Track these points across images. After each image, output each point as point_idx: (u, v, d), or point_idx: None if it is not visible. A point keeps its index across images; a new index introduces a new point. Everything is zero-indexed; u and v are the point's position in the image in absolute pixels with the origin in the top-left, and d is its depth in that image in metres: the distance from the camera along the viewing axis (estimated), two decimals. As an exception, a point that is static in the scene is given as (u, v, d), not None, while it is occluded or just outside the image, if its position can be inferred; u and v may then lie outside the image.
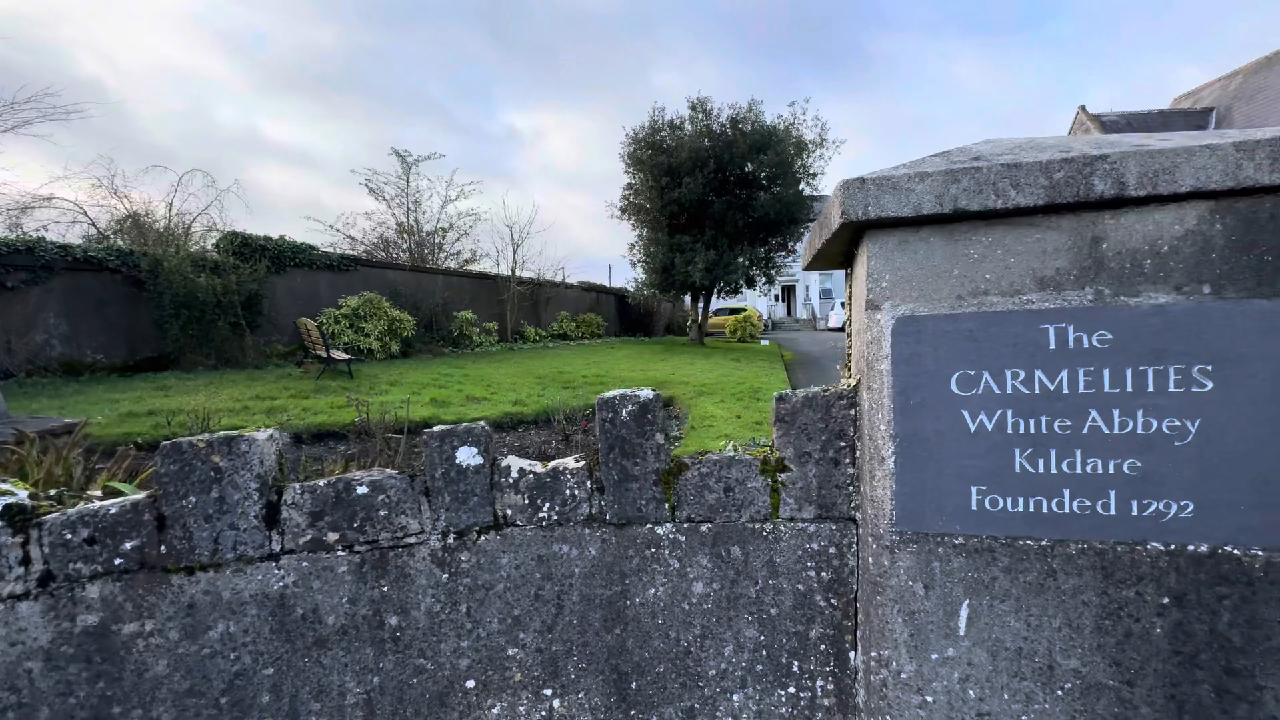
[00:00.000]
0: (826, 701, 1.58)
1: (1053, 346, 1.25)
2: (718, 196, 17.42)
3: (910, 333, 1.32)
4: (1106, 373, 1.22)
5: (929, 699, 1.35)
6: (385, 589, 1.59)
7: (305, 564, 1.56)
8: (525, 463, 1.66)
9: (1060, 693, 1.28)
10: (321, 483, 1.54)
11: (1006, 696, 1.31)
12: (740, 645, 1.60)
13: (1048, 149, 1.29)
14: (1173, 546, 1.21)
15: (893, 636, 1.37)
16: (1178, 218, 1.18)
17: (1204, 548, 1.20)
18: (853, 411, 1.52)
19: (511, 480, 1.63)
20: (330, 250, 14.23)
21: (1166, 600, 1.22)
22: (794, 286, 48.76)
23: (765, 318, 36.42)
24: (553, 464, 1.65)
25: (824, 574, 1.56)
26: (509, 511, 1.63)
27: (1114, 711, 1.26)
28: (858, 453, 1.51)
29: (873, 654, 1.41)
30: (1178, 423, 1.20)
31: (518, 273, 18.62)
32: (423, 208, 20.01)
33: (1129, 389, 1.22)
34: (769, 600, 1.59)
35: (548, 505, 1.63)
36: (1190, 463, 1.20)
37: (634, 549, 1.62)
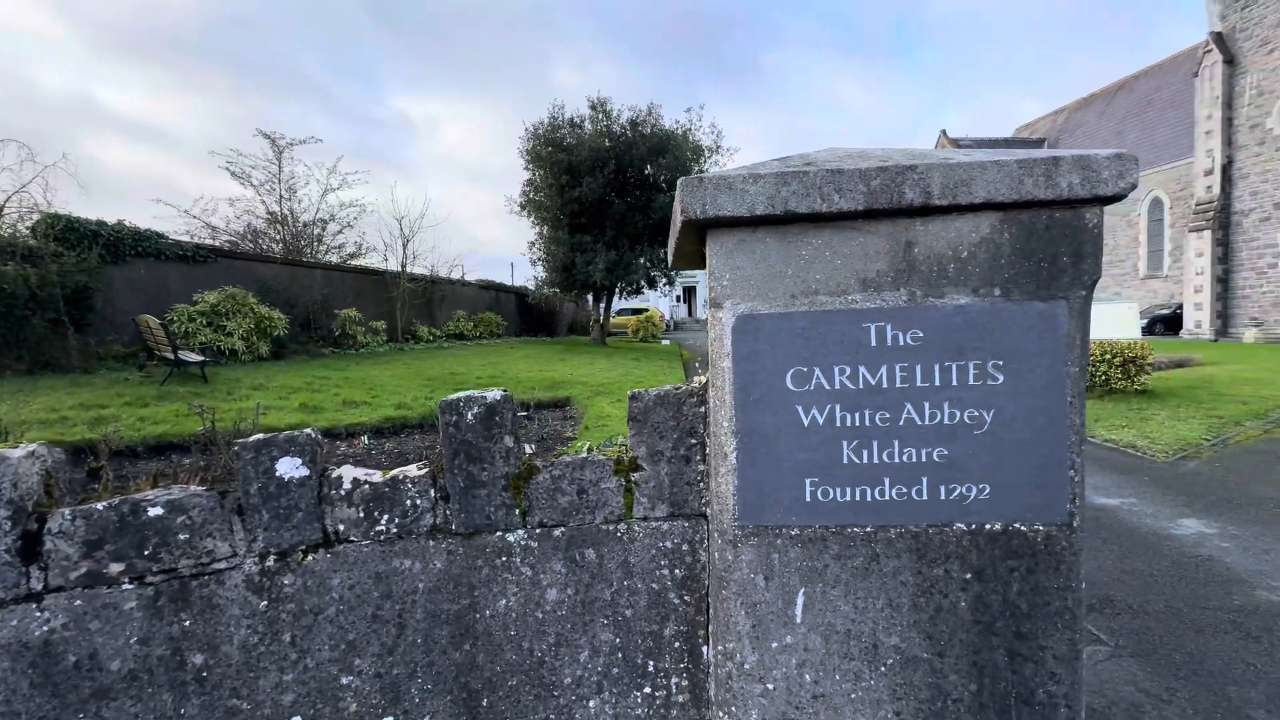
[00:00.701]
0: (681, 698, 1.58)
1: (874, 344, 1.32)
2: (618, 197, 17.52)
3: (749, 330, 1.35)
4: (919, 368, 1.32)
5: (770, 686, 1.39)
6: (187, 624, 1.38)
7: (79, 603, 1.32)
8: (360, 472, 1.52)
9: (884, 669, 1.36)
10: (100, 506, 1.31)
11: (838, 677, 1.37)
12: (596, 650, 1.57)
13: (870, 159, 1.36)
14: (974, 526, 1.33)
15: (737, 629, 1.40)
16: (974, 226, 1.30)
17: (998, 526, 1.33)
18: (703, 409, 1.54)
19: (344, 492, 1.48)
20: (184, 239, 12.63)
21: (969, 576, 1.34)
22: (695, 288, 50.29)
23: (667, 318, 37.22)
24: (392, 473, 1.52)
25: (678, 571, 1.57)
26: (341, 527, 1.49)
27: (928, 681, 1.36)
28: (707, 449, 1.53)
29: (719, 647, 1.43)
30: (976, 413, 1.31)
31: (409, 269, 17.62)
32: (299, 196, 18.33)
33: (937, 383, 1.32)
34: (624, 602, 1.57)
35: (386, 518, 1.50)
36: (987, 449, 1.32)
37: (483, 559, 1.54)
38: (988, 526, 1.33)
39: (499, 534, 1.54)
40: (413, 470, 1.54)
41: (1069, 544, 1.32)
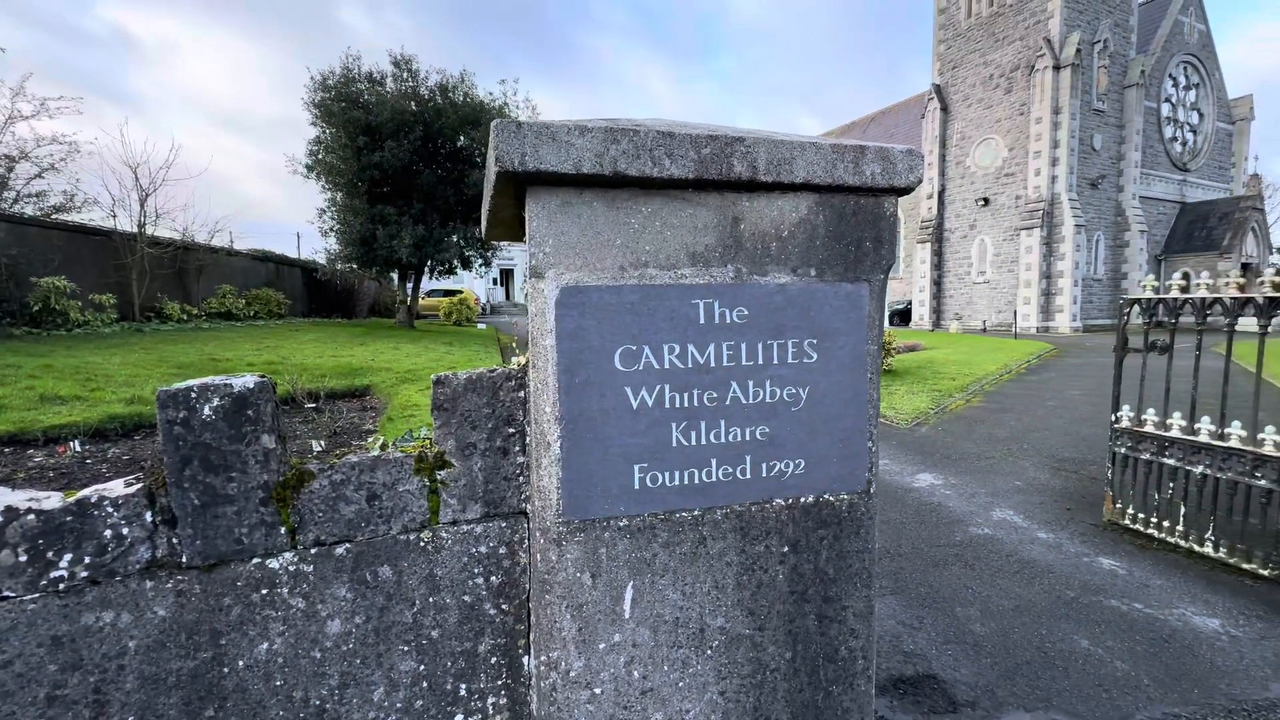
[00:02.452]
0: (499, 718, 1.41)
1: (702, 321, 1.28)
2: (427, 167, 16.08)
3: (575, 304, 1.20)
4: (744, 346, 1.30)
5: (597, 691, 1.28)
6: None
7: None
8: (23, 496, 1.06)
9: (710, 651, 1.35)
10: None
11: (667, 668, 1.32)
12: (394, 684, 1.31)
13: (702, 128, 1.30)
14: (791, 501, 1.37)
15: (561, 635, 1.26)
16: (794, 206, 1.31)
17: (811, 498, 1.38)
18: (522, 393, 1.36)
19: (-11, 529, 1.01)
20: None
21: (786, 549, 1.38)
22: (513, 271, 48.88)
23: (483, 301, 35.68)
24: (81, 494, 1.08)
25: (494, 578, 1.38)
26: (-14, 579, 1.02)
27: (750, 656, 1.37)
28: (528, 439, 1.36)
29: (542, 657, 1.28)
30: (794, 391, 1.34)
31: (149, 230, 14.11)
32: (-37, 121, 13.50)
33: (759, 361, 1.32)
34: (429, 621, 1.33)
35: (70, 558, 1.06)
36: (802, 425, 1.36)
37: (233, 595, 1.18)
38: (803, 500, 1.38)
39: (256, 561, 1.19)
40: (116, 488, 1.12)
41: (866, 510, 1.43)
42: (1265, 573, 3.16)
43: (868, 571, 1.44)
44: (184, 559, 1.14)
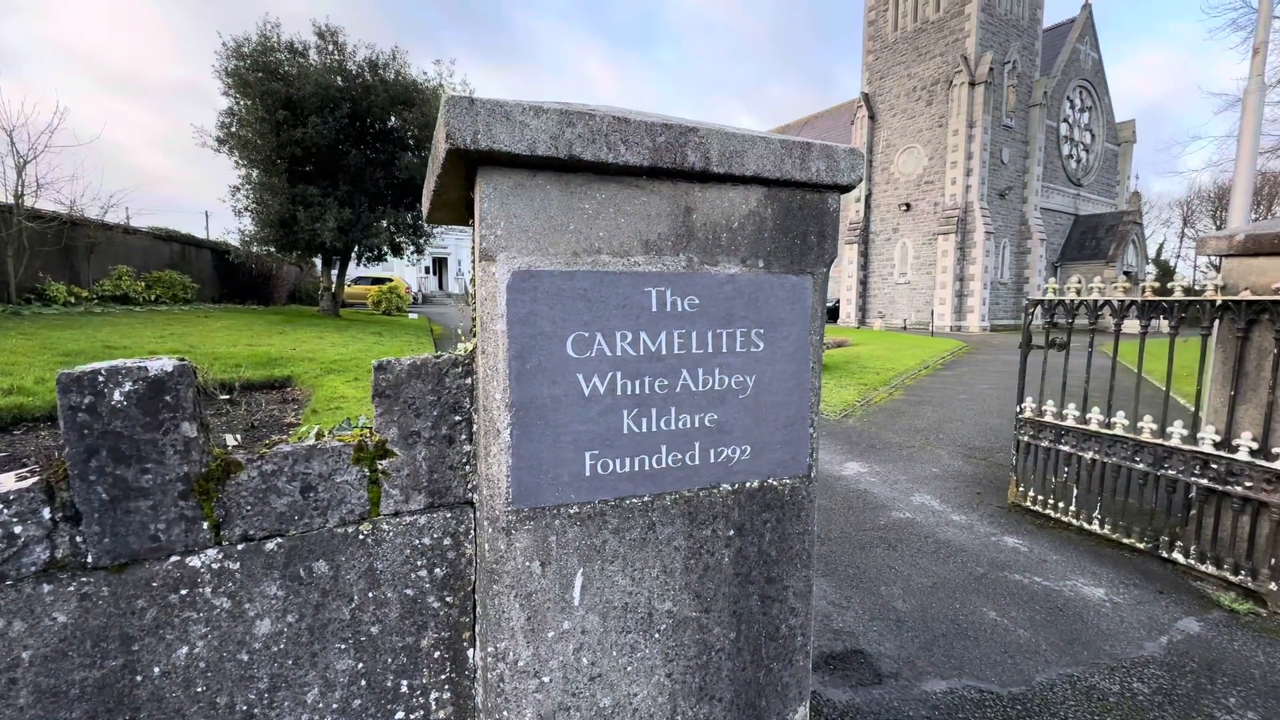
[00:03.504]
0: (442, 714, 1.37)
1: (654, 309, 1.28)
2: (355, 147, 15.24)
3: (527, 289, 1.18)
4: (694, 335, 1.32)
5: (545, 679, 1.28)
6: None
7: None
8: (-112, 494, 0.93)
9: (658, 635, 1.37)
10: None
11: (615, 653, 1.33)
12: (330, 683, 1.25)
13: (656, 116, 1.31)
14: (737, 486, 1.41)
15: (510, 625, 1.24)
16: (744, 198, 1.34)
17: (756, 483, 1.43)
18: (469, 380, 1.32)
19: None
20: None
21: (732, 532, 1.42)
22: (446, 259, 47.27)
23: (415, 290, 34.29)
24: (-38, 489, 0.96)
25: (438, 571, 1.34)
26: None
27: (696, 639, 1.40)
28: (475, 427, 1.33)
29: (489, 649, 1.26)
30: (741, 378, 1.38)
31: (29, 202, 12.59)
32: None
33: (710, 349, 1.34)
34: (369, 617, 1.28)
35: (-51, 561, 0.94)
36: (749, 412, 1.40)
37: (147, 597, 1.09)
38: (748, 484, 1.42)
39: (175, 559, 1.10)
40: (6, 481, 1.00)
41: (807, 493, 1.49)
42: (1141, 546, 3.55)
43: (807, 552, 1.51)
44: (90, 559, 1.04)
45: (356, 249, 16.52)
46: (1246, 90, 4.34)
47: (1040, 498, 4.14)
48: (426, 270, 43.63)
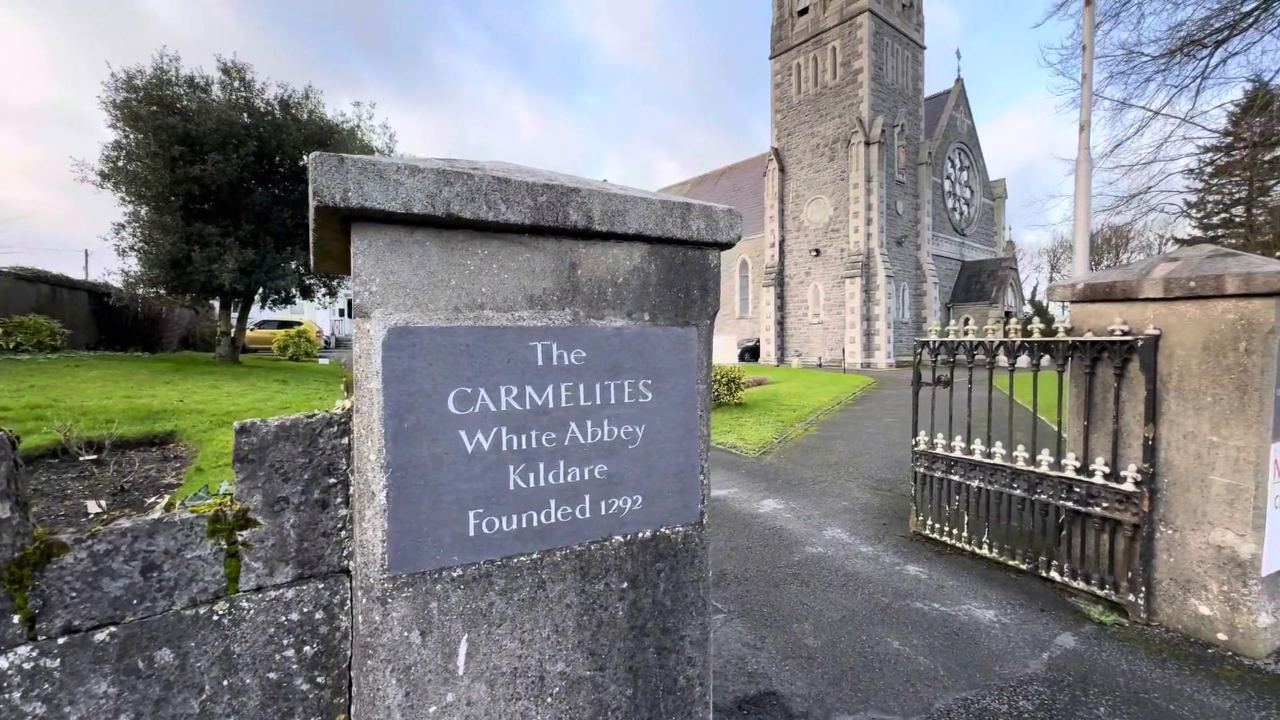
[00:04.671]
0: (311, 811, 1.24)
1: (540, 363, 1.29)
2: (261, 185, 14.51)
3: (405, 345, 1.16)
4: (582, 387, 1.34)
5: (426, 760, 1.19)
6: None
7: None
8: None
9: (550, 699, 1.32)
10: None
11: (504, 723, 1.27)
12: (172, 791, 1.11)
13: (540, 175, 1.35)
14: (629, 536, 1.41)
15: (385, 703, 1.16)
16: (628, 254, 1.40)
17: (649, 533, 1.44)
18: (346, 440, 1.26)
19: None
20: None
21: (626, 585, 1.41)
22: (363, 302, 45.23)
23: (327, 334, 32.49)
24: None
25: (308, 649, 1.24)
26: None
27: (591, 699, 1.37)
28: (352, 489, 1.26)
29: (363, 732, 1.17)
30: (631, 429, 1.40)
31: None
32: None
33: (598, 401, 1.36)
34: (223, 708, 1.15)
35: None
36: (639, 462, 1.42)
37: (-66, 711, 0.93)
38: (641, 535, 1.43)
39: (-26, 662, 0.96)
40: None
41: (700, 540, 1.52)
42: (1024, 567, 3.84)
43: (703, 600, 1.52)
44: None
45: (261, 291, 15.53)
46: (1077, 161, 5.09)
47: (937, 525, 4.40)
48: (341, 313, 41.56)
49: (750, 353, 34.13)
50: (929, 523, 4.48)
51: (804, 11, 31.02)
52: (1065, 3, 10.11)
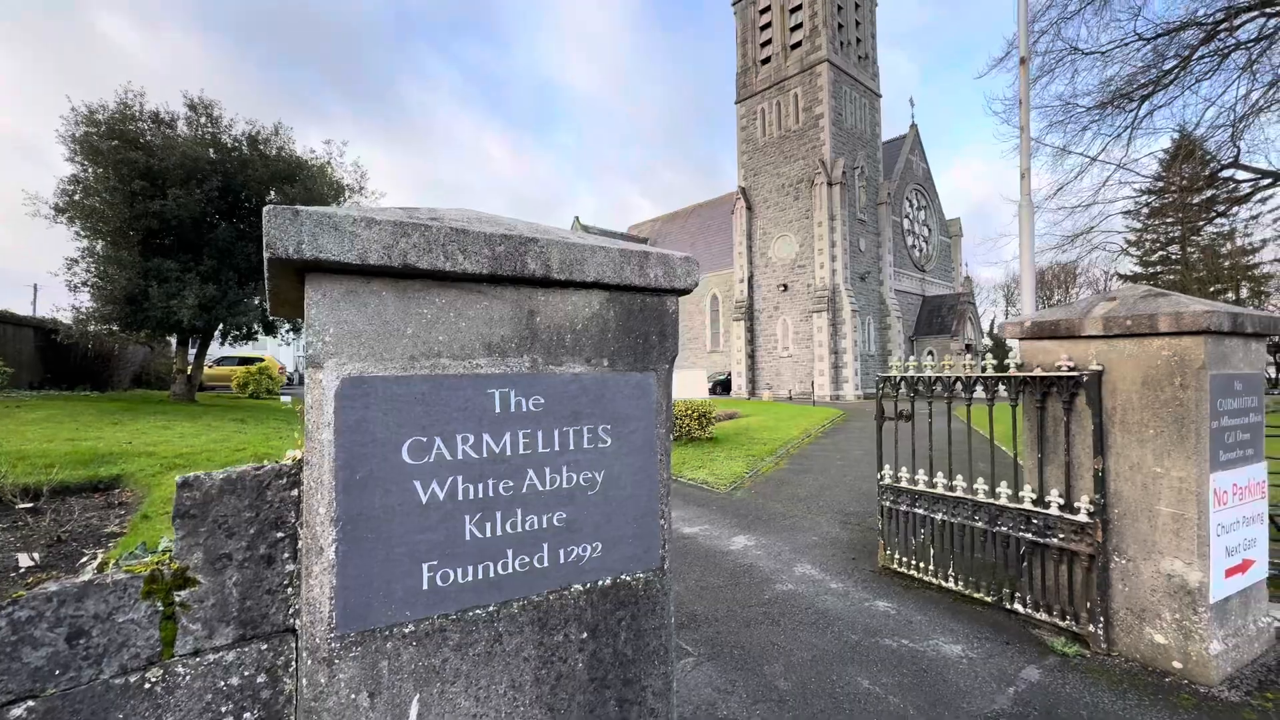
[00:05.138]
0: None
1: (498, 410, 1.29)
2: (226, 220, 14.30)
3: (358, 395, 1.15)
4: (540, 434, 1.34)
5: (373, 833, 1.13)
6: None
7: None
8: None
9: (506, 759, 1.27)
10: None
11: (457, 788, 1.22)
12: None
13: (499, 225, 1.37)
14: (589, 585, 1.39)
15: (329, 773, 1.10)
16: (587, 301, 1.42)
17: (609, 580, 1.42)
18: (296, 492, 1.23)
19: None
20: None
21: (585, 635, 1.38)
22: (330, 337, 44.35)
23: (291, 370, 31.61)
24: None
25: (249, 715, 1.17)
26: None
27: (549, 757, 1.32)
28: (300, 544, 1.22)
29: (305, 805, 1.10)
30: (590, 475, 1.40)
31: None
32: None
33: (556, 447, 1.36)
34: (152, 786, 1.08)
35: None
36: (599, 509, 1.41)
37: None
38: (601, 583, 1.41)
39: None
40: None
41: (662, 586, 1.51)
42: (989, 599, 3.88)
43: (665, 648, 1.50)
44: None
45: (221, 327, 15.12)
46: (1020, 206, 5.43)
47: (905, 559, 4.44)
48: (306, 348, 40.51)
49: (722, 386, 34.39)
50: (897, 556, 4.51)
51: (767, 60, 32.53)
52: (1005, 58, 10.86)
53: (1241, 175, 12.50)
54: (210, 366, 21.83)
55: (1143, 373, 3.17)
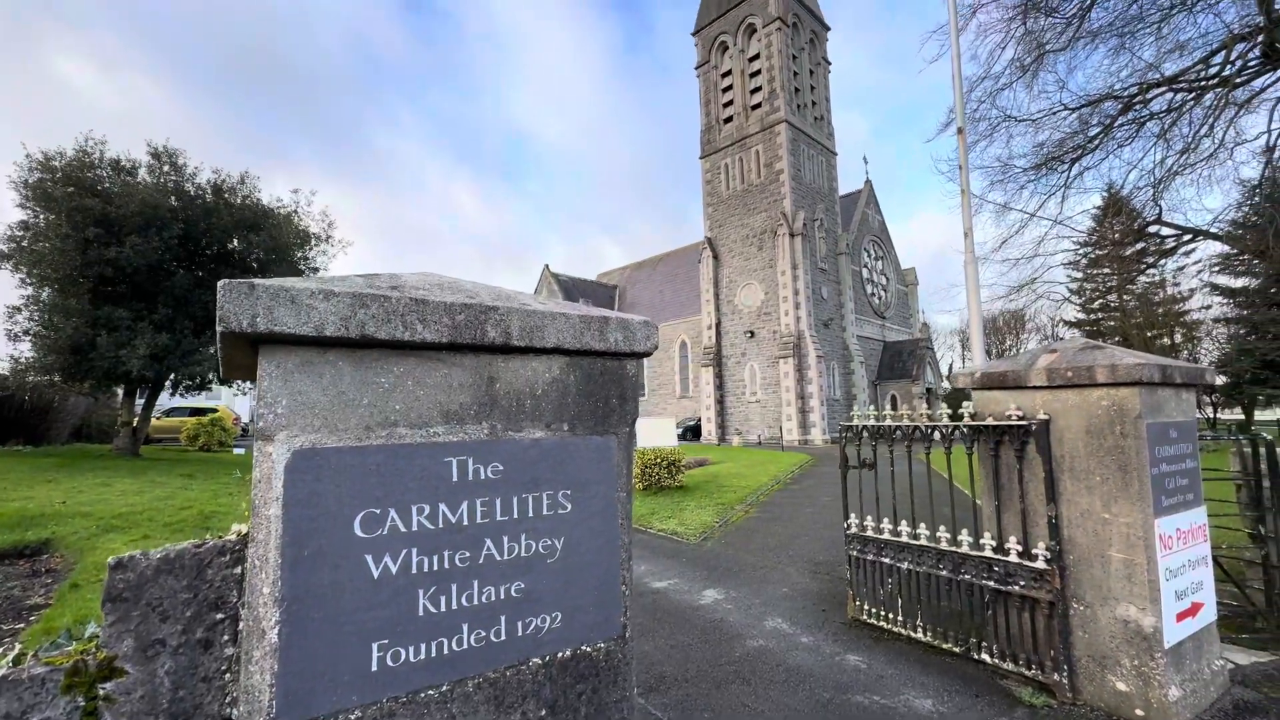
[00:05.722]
0: None
1: (455, 479, 1.28)
2: (184, 268, 13.99)
3: (310, 468, 1.13)
4: (499, 502, 1.33)
5: None
6: None
7: None
8: None
9: None
10: None
11: None
12: None
13: (460, 292, 1.39)
14: (548, 658, 1.36)
15: None
16: (547, 367, 1.44)
17: (568, 652, 1.39)
18: (239, 569, 1.18)
19: None
20: None
21: (544, 712, 1.34)
22: (289, 385, 42.92)
23: (247, 420, 30.35)
24: None
25: (174, 819, 1.08)
26: None
27: None
28: (241, 626, 1.16)
29: None
30: (550, 542, 1.39)
31: None
32: None
33: (515, 515, 1.35)
34: None
35: None
36: (558, 576, 1.39)
37: None
38: (560, 655, 1.37)
39: None
40: None
41: (623, 655, 1.47)
42: (957, 650, 3.88)
43: (627, 721, 1.46)
44: None
45: (173, 377, 14.54)
46: (965, 263, 5.77)
47: (874, 610, 4.42)
48: (263, 397, 39.04)
49: (692, 432, 34.38)
50: (866, 607, 4.49)
51: (729, 119, 34.21)
52: (948, 125, 11.68)
53: (1166, 231, 13.54)
54: (159, 418, 20.84)
55: (1086, 421, 3.32)
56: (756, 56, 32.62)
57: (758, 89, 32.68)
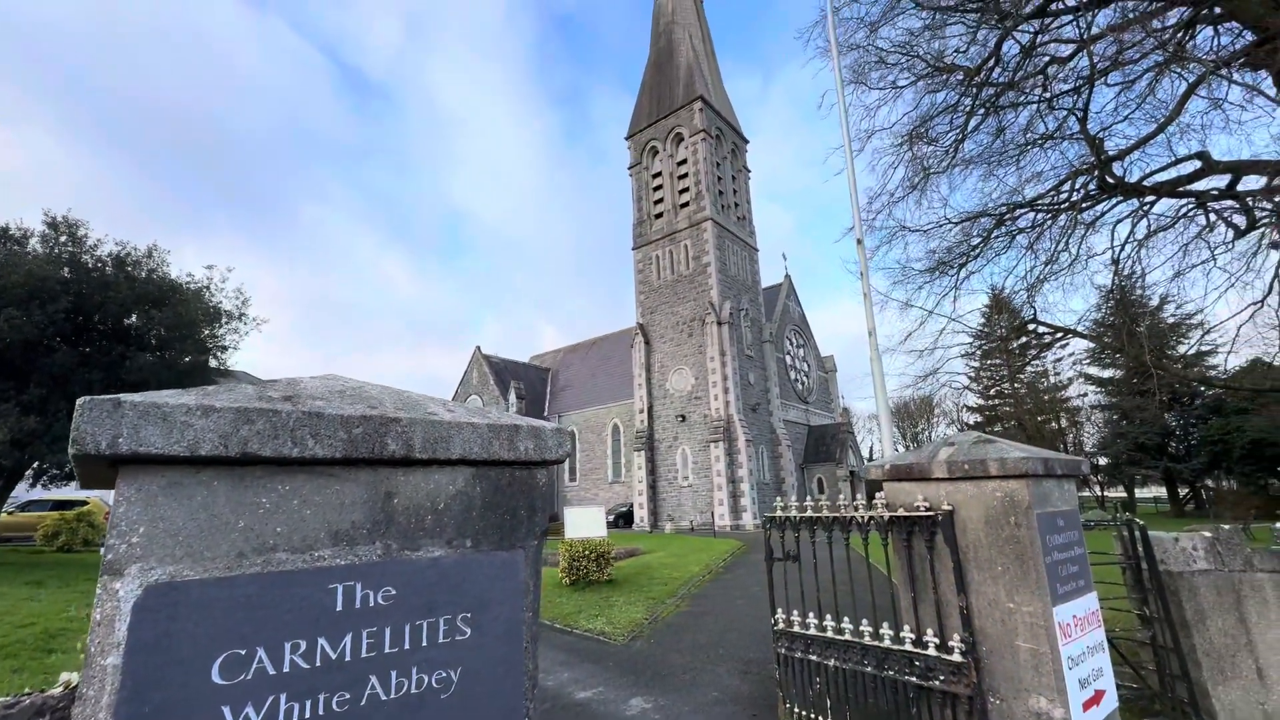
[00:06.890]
0: None
1: (340, 608, 1.17)
2: (70, 345, 12.75)
3: (164, 606, 1.00)
4: (388, 631, 1.22)
5: None
6: None
7: None
8: None
9: None
10: None
11: None
12: None
13: (362, 401, 1.35)
14: (434, 814, 1.21)
15: None
16: (452, 479, 1.39)
17: (459, 805, 1.24)
18: (60, 732, 1.00)
19: None
20: None
21: None
22: (180, 473, 38.73)
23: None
24: None
25: None
26: None
27: None
28: (52, 805, 0.97)
29: None
30: (444, 674, 1.27)
31: None
32: None
33: (407, 645, 1.24)
34: None
35: None
36: (454, 712, 1.27)
37: None
38: (449, 809, 1.23)
39: None
40: None
41: (523, 802, 1.34)
42: (887, 753, 3.78)
43: None
44: None
45: (38, 465, 12.82)
46: (870, 360, 6.27)
47: (803, 714, 4.28)
48: (146, 487, 34.88)
49: (624, 519, 33.50)
50: (796, 711, 4.34)
51: (660, 215, 36.44)
52: (850, 231, 12.96)
53: (1043, 329, 15.29)
54: (10, 513, 18.05)
55: (984, 512, 3.53)
56: (684, 161, 35.44)
57: (686, 189, 35.23)
